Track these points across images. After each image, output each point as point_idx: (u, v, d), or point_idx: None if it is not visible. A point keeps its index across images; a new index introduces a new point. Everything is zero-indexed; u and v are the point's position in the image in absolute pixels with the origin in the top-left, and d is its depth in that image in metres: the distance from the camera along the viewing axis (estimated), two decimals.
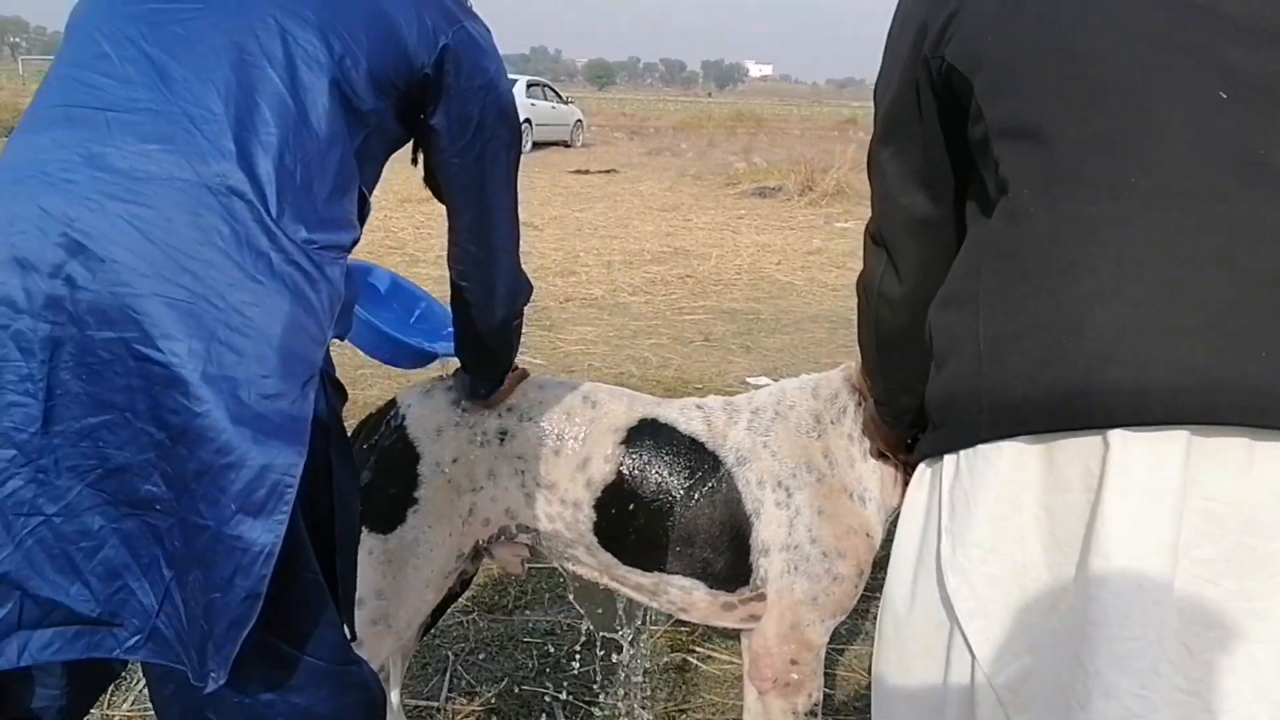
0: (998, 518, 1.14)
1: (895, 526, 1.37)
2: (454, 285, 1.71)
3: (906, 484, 1.87)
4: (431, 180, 1.64)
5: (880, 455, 1.86)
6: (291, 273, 1.26)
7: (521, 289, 1.73)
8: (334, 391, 1.43)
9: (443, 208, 1.67)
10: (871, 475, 1.87)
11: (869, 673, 2.68)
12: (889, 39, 1.38)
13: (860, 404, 1.87)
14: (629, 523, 1.88)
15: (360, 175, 1.42)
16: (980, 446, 1.15)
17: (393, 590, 1.88)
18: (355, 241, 1.37)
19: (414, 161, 1.67)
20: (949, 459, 1.20)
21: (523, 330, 1.82)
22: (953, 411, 1.20)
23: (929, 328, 1.30)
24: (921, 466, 1.30)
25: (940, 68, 1.26)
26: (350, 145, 1.38)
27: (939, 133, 1.33)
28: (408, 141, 1.59)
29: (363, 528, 1.89)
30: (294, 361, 1.24)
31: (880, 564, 1.73)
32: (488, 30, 1.55)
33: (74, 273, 1.19)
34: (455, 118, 1.50)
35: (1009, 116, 1.18)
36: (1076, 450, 1.08)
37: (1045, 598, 1.12)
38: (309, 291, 1.27)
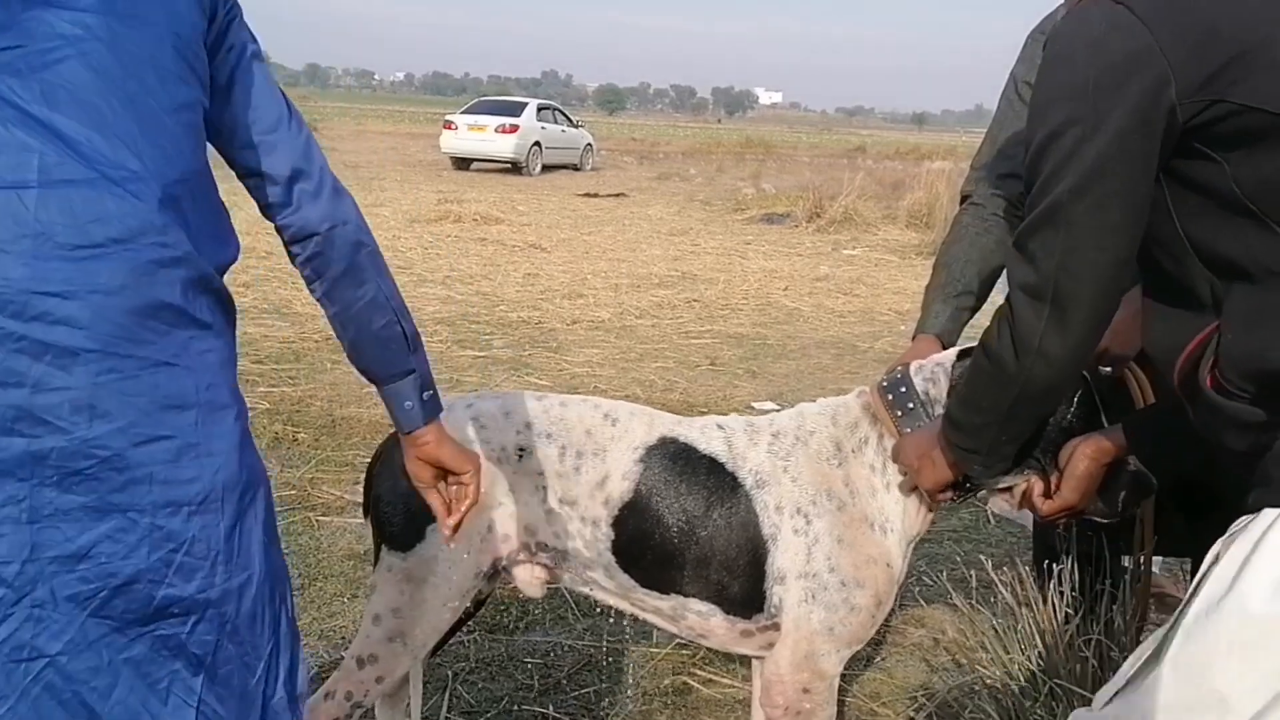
0: None
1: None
2: (323, 278, 1.39)
3: (930, 514, 1.87)
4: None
5: (913, 489, 1.83)
6: None
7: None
8: None
9: (451, 230, 1.61)
10: (894, 506, 1.86)
11: (872, 699, 2.67)
12: (1089, 87, 1.34)
13: (882, 435, 1.86)
14: (646, 542, 1.88)
15: None
16: None
17: (410, 608, 1.88)
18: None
19: None
20: None
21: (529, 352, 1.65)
22: None
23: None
24: (1263, 518, 1.25)
25: (1199, 110, 1.27)
26: None
27: (1152, 178, 1.33)
28: None
29: (383, 545, 1.90)
30: None
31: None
32: None
33: (41, 376, 1.08)
34: (233, 51, 1.32)
35: None
36: None
37: None
38: None
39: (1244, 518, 1.30)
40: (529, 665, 2.79)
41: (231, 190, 1.43)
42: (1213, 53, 1.26)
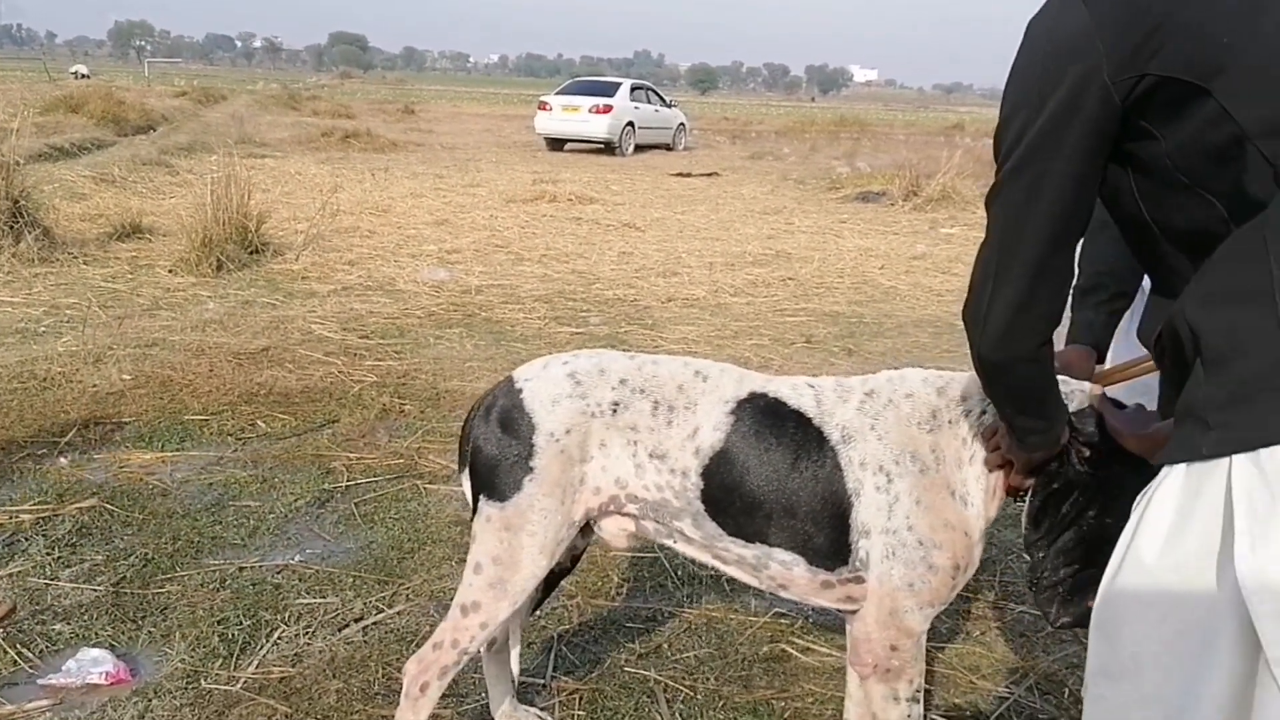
0: None
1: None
2: None
3: (999, 502, 1.89)
4: None
5: (999, 467, 1.85)
6: None
7: None
8: None
9: (547, 210, 1.65)
10: (976, 483, 1.88)
11: (971, 672, 2.67)
12: (1036, 70, 1.37)
13: (985, 411, 1.87)
14: (734, 491, 1.94)
15: None
16: None
17: (509, 556, 1.97)
18: None
19: None
20: (1241, 459, 1.19)
21: (625, 329, 1.80)
22: (1246, 410, 1.19)
23: (1187, 327, 1.29)
24: (1181, 468, 1.28)
25: (1131, 87, 1.30)
26: None
27: (1090, 161, 1.36)
28: None
29: (481, 496, 1.99)
30: None
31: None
32: None
33: None
34: None
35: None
36: None
37: None
38: None
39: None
40: (630, 629, 2.86)
41: (331, 171, 1.53)
42: (1137, 28, 1.27)
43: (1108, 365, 2.15)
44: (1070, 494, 1.78)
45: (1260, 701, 1.17)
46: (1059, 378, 1.87)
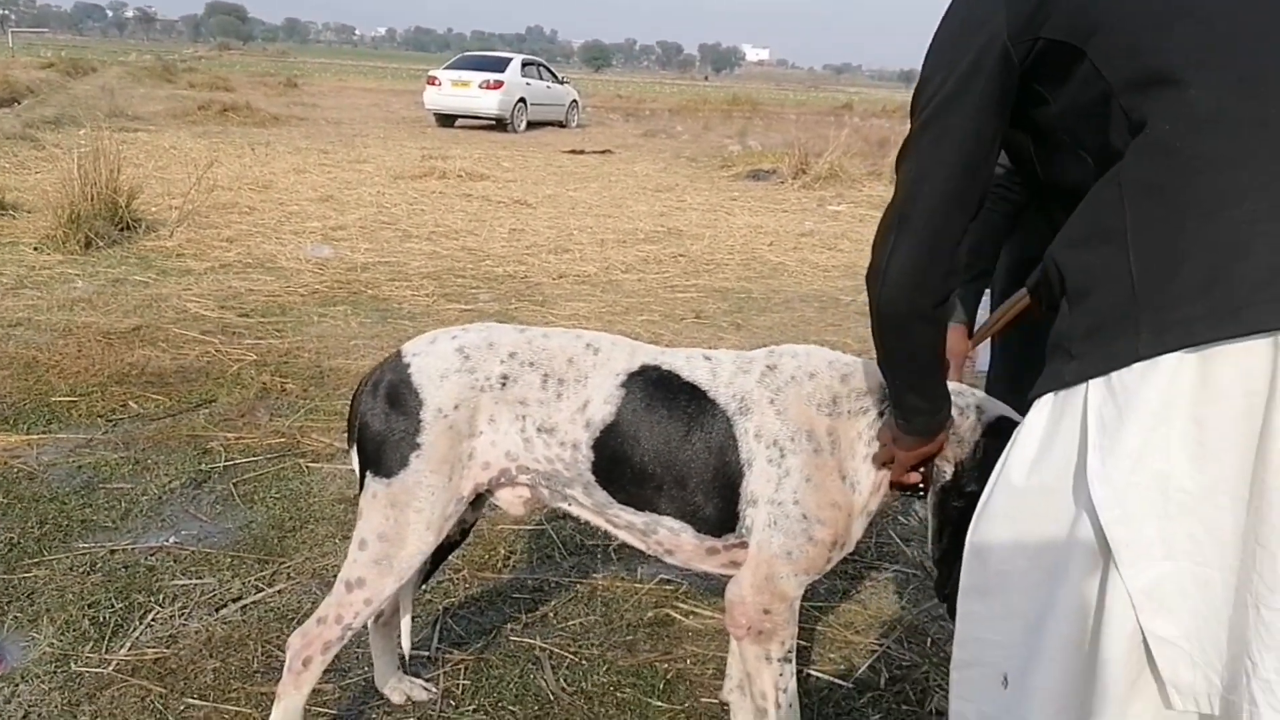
0: (1148, 429, 1.23)
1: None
2: None
3: (883, 497, 1.96)
4: None
5: (885, 465, 1.90)
6: None
7: None
8: None
9: (436, 186, 1.64)
10: (865, 475, 1.92)
11: (847, 628, 2.77)
12: (950, 38, 1.47)
13: (883, 413, 1.91)
14: (625, 463, 1.95)
15: None
16: (1136, 365, 1.24)
17: (395, 532, 1.96)
18: None
19: None
20: (1095, 383, 1.29)
21: (515, 305, 1.78)
22: (1101, 339, 1.29)
23: (1055, 268, 1.38)
24: (1049, 398, 1.36)
25: (1028, 51, 1.39)
26: None
27: (991, 120, 1.44)
28: None
29: (368, 472, 1.97)
30: None
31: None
32: None
33: None
34: None
35: (1140, 69, 1.31)
36: (1238, 356, 1.18)
37: (1186, 505, 1.22)
38: None
39: None
40: (517, 600, 2.87)
41: (216, 144, 1.49)
42: None
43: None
44: (969, 515, 1.85)
45: (1107, 607, 1.26)
46: (977, 393, 1.97)
